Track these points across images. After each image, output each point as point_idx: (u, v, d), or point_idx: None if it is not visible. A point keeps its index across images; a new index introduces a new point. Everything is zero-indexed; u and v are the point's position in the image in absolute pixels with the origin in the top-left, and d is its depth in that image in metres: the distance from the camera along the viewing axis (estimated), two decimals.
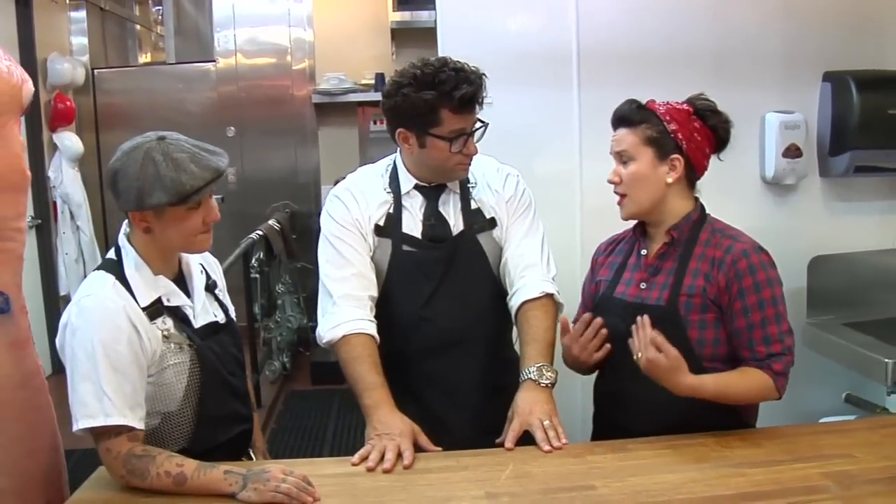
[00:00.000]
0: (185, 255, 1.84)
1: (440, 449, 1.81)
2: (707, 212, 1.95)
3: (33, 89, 1.89)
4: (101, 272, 1.71)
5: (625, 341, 1.84)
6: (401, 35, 5.75)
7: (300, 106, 5.82)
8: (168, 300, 1.74)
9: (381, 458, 1.73)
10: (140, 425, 1.64)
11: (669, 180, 1.88)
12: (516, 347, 2.21)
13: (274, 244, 5.03)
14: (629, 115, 1.91)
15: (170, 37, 5.98)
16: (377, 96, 5.66)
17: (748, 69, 3.04)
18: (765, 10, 3.05)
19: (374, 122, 5.89)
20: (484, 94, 1.93)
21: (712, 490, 1.53)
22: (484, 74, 1.94)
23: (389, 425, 1.82)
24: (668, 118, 1.87)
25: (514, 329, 2.17)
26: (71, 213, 5.11)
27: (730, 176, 3.07)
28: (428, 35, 5.65)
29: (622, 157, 1.92)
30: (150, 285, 1.72)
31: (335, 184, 5.88)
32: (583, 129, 3.06)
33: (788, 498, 1.49)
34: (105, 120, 5.71)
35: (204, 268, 1.90)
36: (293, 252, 5.51)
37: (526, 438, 1.83)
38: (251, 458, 1.95)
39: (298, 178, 5.90)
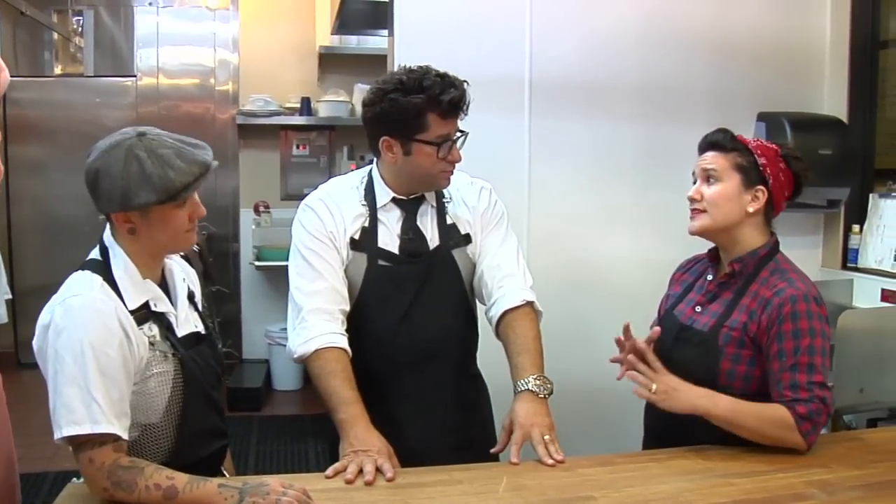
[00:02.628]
0: (167, 262, 1.78)
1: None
2: (780, 250, 1.98)
3: (10, 78, 1.79)
4: (87, 272, 1.62)
5: (670, 360, 1.92)
6: (326, 60, 5.74)
7: (222, 128, 5.71)
8: (155, 305, 1.67)
9: (359, 472, 1.69)
10: (126, 435, 1.55)
11: (750, 210, 1.92)
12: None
13: (195, 266, 4.87)
14: (722, 142, 1.95)
15: (89, 49, 5.76)
16: (301, 120, 5.65)
17: (688, 107, 3.21)
18: (704, 53, 3.24)
19: (297, 147, 5.86)
20: (468, 101, 1.95)
21: (707, 499, 1.58)
22: (466, 82, 1.95)
23: (367, 442, 1.78)
24: (758, 152, 1.92)
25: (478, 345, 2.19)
26: None
27: (667, 211, 3.22)
28: (354, 61, 5.70)
29: (708, 175, 1.95)
30: (139, 288, 1.64)
31: (254, 208, 5.84)
32: (532, 157, 3.15)
33: None
34: (15, 131, 5.41)
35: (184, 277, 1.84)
36: (210, 275, 5.37)
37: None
38: (224, 477, 1.88)
39: (217, 200, 5.74)
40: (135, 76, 5.57)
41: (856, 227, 3.36)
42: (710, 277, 2.03)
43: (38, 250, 5.59)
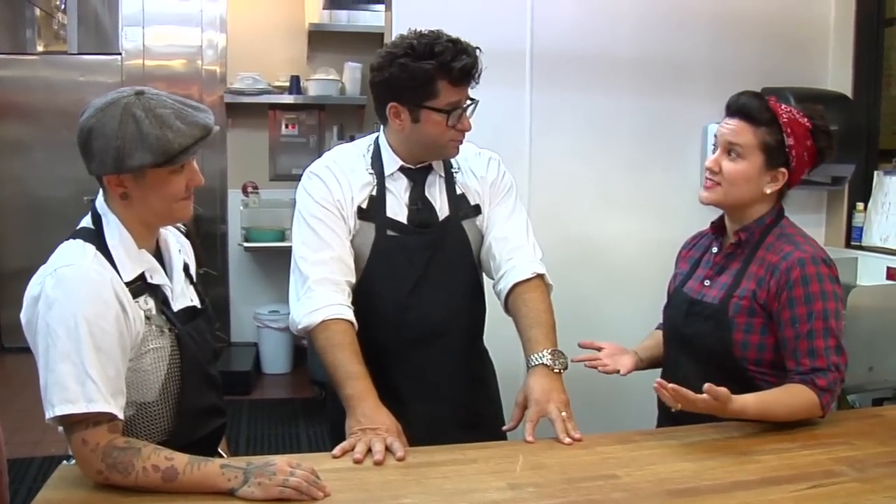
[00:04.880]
0: (162, 233, 1.69)
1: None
2: (785, 215, 1.92)
3: None
4: (78, 241, 1.52)
5: (682, 336, 1.91)
6: (316, 38, 5.63)
7: (209, 108, 5.57)
8: (151, 277, 1.58)
9: (367, 451, 1.62)
10: (122, 414, 1.46)
11: (768, 190, 1.85)
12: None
13: None
14: (755, 113, 1.82)
15: (72, 26, 5.61)
16: (290, 99, 5.55)
17: (690, 81, 3.15)
18: (706, 27, 3.18)
19: (286, 127, 5.76)
20: (480, 69, 1.88)
21: (734, 476, 1.52)
22: (478, 48, 1.88)
23: (375, 419, 1.71)
24: (788, 130, 1.81)
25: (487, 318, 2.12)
26: None
27: (668, 189, 3.17)
28: (344, 39, 5.59)
29: (731, 148, 1.85)
30: (134, 259, 1.55)
31: (242, 189, 5.74)
32: (533, 130, 3.08)
33: (811, 482, 1.49)
34: None
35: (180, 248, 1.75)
36: (198, 257, 5.25)
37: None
38: (222, 458, 1.80)
39: (204, 181, 5.61)
40: (120, 54, 5.42)
41: (860, 205, 3.31)
42: (715, 250, 1.98)
43: (21, 232, 5.46)
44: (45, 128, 5.36)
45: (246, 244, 5.44)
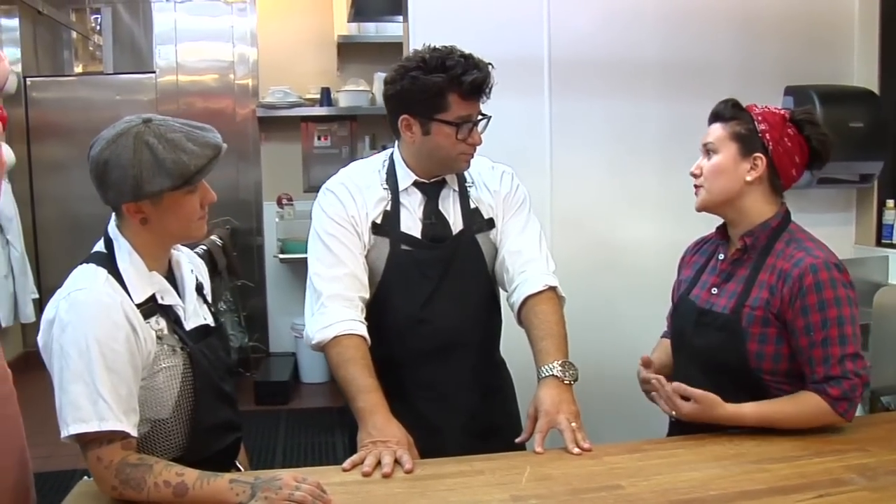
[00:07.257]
0: (174, 254, 1.73)
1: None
2: (792, 219, 1.90)
3: (9, 69, 1.76)
4: (91, 265, 1.58)
5: (691, 347, 1.90)
6: (346, 50, 5.71)
7: (242, 122, 5.70)
8: (162, 298, 1.63)
9: (377, 464, 1.64)
10: (134, 432, 1.51)
11: (748, 178, 1.84)
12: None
13: (218, 260, 4.87)
14: (723, 112, 1.89)
15: (108, 46, 5.77)
16: (322, 111, 5.61)
17: (713, 82, 3.09)
18: (728, 26, 3.14)
19: (319, 138, 5.82)
20: (491, 84, 1.89)
21: (740, 486, 1.50)
22: (490, 64, 1.90)
23: (385, 432, 1.73)
24: (759, 118, 1.84)
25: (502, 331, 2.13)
26: (1, 227, 4.82)
27: (691, 193, 3.12)
28: (373, 49, 5.65)
29: (707, 149, 1.90)
30: (145, 281, 1.60)
31: (277, 201, 5.81)
32: (553, 137, 3.07)
33: (818, 490, 1.47)
34: (37, 132, 5.46)
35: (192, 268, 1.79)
36: (235, 269, 5.35)
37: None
38: (239, 471, 1.84)
39: (240, 194, 5.74)
40: (154, 72, 5.56)
41: (890, 202, 3.24)
42: (721, 257, 1.95)
43: (62, 250, 5.61)
44: (83, 147, 5.29)
45: (282, 256, 5.52)
